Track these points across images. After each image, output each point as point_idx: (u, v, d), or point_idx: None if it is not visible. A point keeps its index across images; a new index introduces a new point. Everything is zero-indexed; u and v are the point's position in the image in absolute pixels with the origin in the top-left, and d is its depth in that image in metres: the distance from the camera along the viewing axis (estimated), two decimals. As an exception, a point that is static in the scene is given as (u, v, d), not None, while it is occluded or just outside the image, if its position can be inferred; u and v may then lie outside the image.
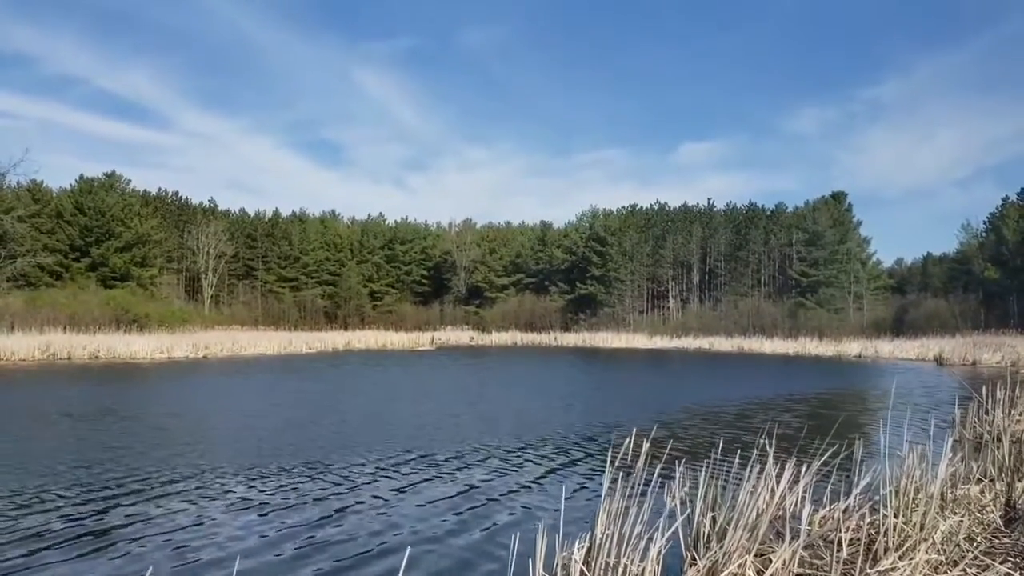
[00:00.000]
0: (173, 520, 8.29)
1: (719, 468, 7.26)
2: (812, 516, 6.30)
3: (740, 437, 13.38)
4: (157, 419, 17.05)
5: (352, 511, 8.74)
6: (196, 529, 7.92)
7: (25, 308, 48.98)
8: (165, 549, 7.21)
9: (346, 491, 9.70)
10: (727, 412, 18.74)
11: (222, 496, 9.36)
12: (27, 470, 10.92)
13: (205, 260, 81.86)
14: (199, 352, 44.76)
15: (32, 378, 29.25)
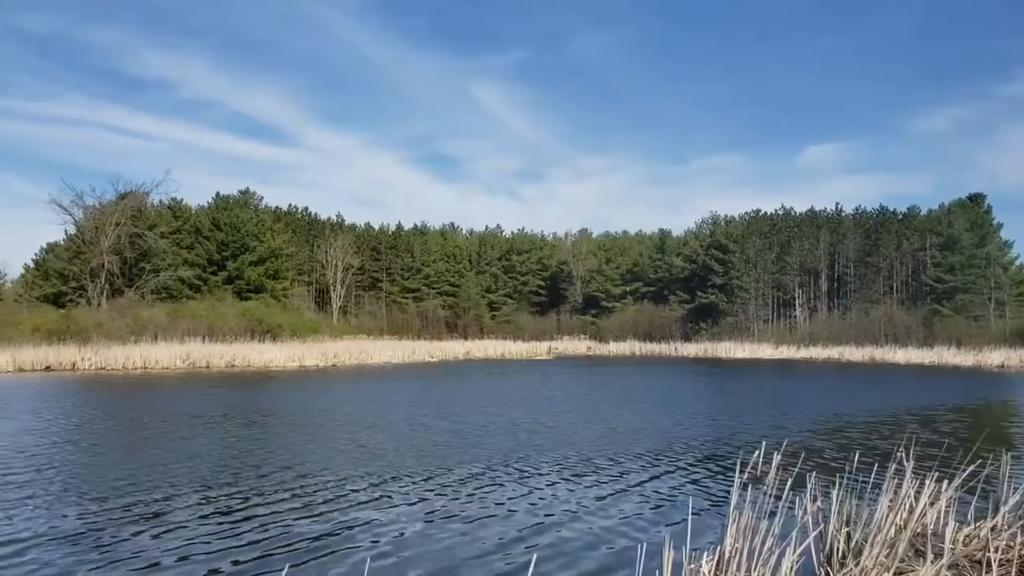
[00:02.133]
0: (368, 520, 8.66)
1: (853, 482, 6.98)
2: (956, 534, 5.98)
3: (875, 450, 12.82)
4: (314, 423, 17.80)
5: (479, 515, 8.90)
6: (375, 530, 8.25)
7: (167, 319, 52.14)
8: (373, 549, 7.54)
9: (477, 496, 9.88)
10: (860, 424, 17.96)
11: (393, 491, 9.73)
12: (209, 468, 11.64)
13: (333, 272, 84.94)
14: (328, 361, 46.51)
15: (180, 385, 31.09)
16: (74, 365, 39.82)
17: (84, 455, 13.34)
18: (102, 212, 62.89)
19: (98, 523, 8.45)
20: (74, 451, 13.77)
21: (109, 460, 12.73)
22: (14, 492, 10.08)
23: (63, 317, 50.33)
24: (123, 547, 7.49)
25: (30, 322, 48.62)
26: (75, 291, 63.19)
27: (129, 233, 62.43)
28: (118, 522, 8.49)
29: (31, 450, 13.72)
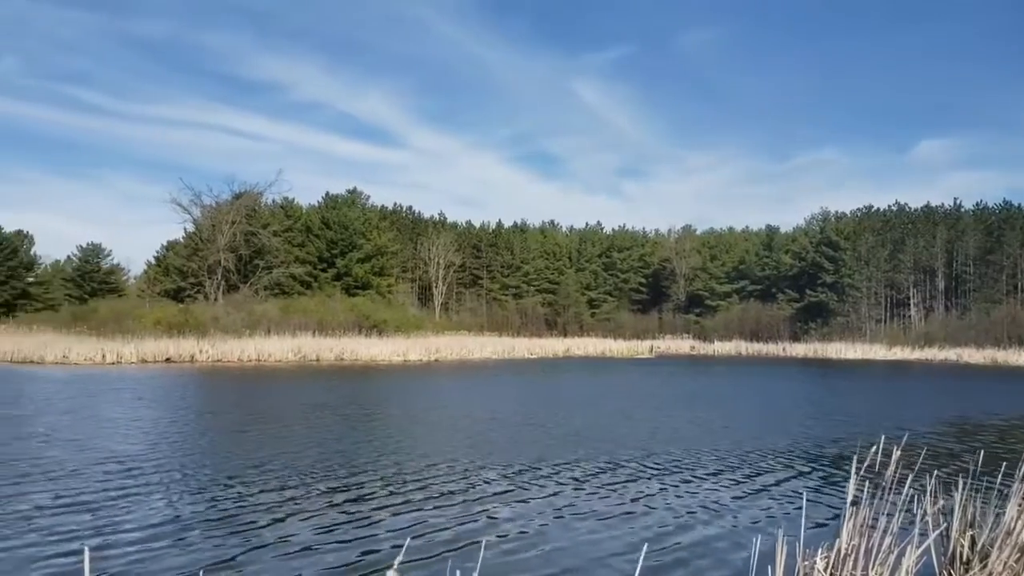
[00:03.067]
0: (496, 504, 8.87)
1: (977, 484, 6.67)
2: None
3: (1001, 453, 12.19)
4: (431, 416, 18.24)
5: (591, 509, 8.95)
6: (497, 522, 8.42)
7: (280, 314, 54.12)
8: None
9: (600, 494, 9.93)
10: (985, 427, 17.10)
11: (508, 476, 9.91)
12: (338, 458, 12.11)
13: (435, 270, 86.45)
14: (431, 356, 47.35)
15: (293, 377, 32.26)
16: (193, 357, 41.76)
17: (212, 442, 14.02)
18: (218, 211, 65.79)
19: (234, 508, 8.86)
20: (203, 438, 14.50)
21: (239, 447, 13.33)
22: (152, 478, 10.68)
23: (182, 311, 52.96)
24: (267, 532, 7.80)
25: (152, 316, 51.32)
26: (193, 287, 66.39)
27: (244, 231, 65.09)
28: (257, 508, 8.87)
29: (163, 437, 14.53)
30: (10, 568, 6.46)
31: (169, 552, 7.02)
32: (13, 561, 6.62)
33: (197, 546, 7.24)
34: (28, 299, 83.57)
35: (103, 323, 49.83)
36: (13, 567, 6.47)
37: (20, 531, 7.53)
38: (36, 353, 39.59)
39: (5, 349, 40.59)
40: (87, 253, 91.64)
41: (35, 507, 8.52)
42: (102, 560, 6.59)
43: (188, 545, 7.25)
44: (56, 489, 9.45)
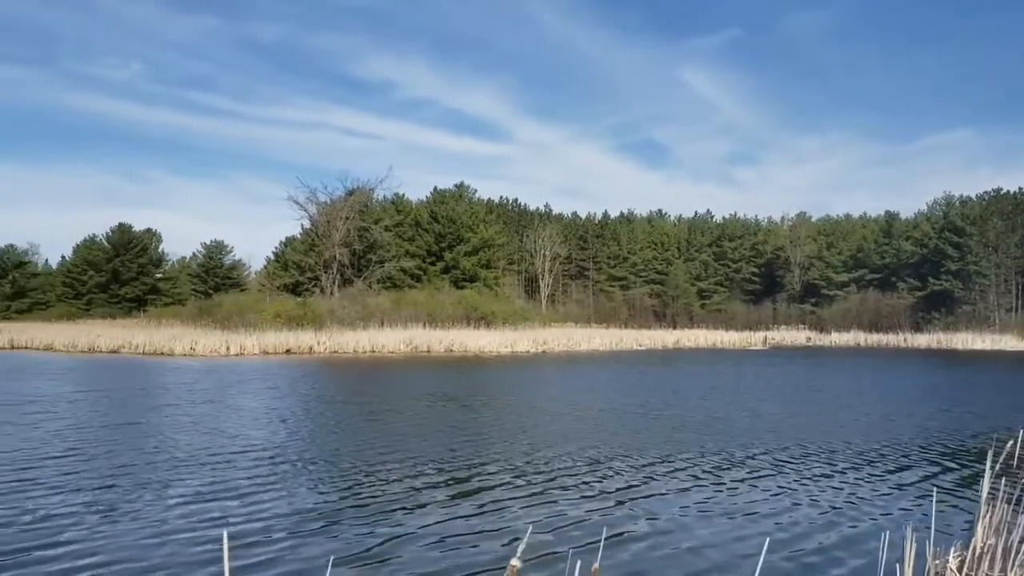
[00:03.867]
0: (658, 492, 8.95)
1: None
2: None
3: None
4: (548, 407, 18.43)
5: (715, 503, 8.86)
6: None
7: (392, 307, 55.48)
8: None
9: (710, 484, 9.83)
10: None
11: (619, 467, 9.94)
12: (465, 447, 12.41)
13: (541, 262, 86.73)
14: (539, 347, 47.56)
15: (407, 367, 33.02)
16: (311, 349, 43.28)
17: (345, 431, 14.49)
18: (333, 208, 67.89)
19: (369, 498, 9.16)
20: (336, 427, 15.02)
21: (369, 436, 13.76)
22: (295, 466, 11.15)
23: (300, 305, 54.94)
24: (406, 521, 8.05)
25: (272, 309, 53.46)
26: (310, 281, 68.79)
27: (357, 227, 66.97)
28: (392, 497, 9.15)
29: (300, 426, 15.18)
30: (166, 551, 6.86)
31: (306, 540, 7.29)
32: (171, 544, 7.02)
33: (336, 535, 7.48)
34: (157, 294, 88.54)
35: (227, 317, 52.18)
36: (171, 550, 6.87)
37: (175, 516, 7.93)
38: (166, 346, 41.90)
39: (137, 342, 43.12)
40: (211, 250, 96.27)
41: (191, 492, 8.98)
42: (244, 546, 6.92)
43: (326, 533, 7.50)
44: (209, 476, 9.91)
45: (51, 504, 8.16)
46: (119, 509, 8.06)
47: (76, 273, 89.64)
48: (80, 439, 12.56)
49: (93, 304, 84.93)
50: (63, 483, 9.18)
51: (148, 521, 7.61)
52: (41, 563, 6.22)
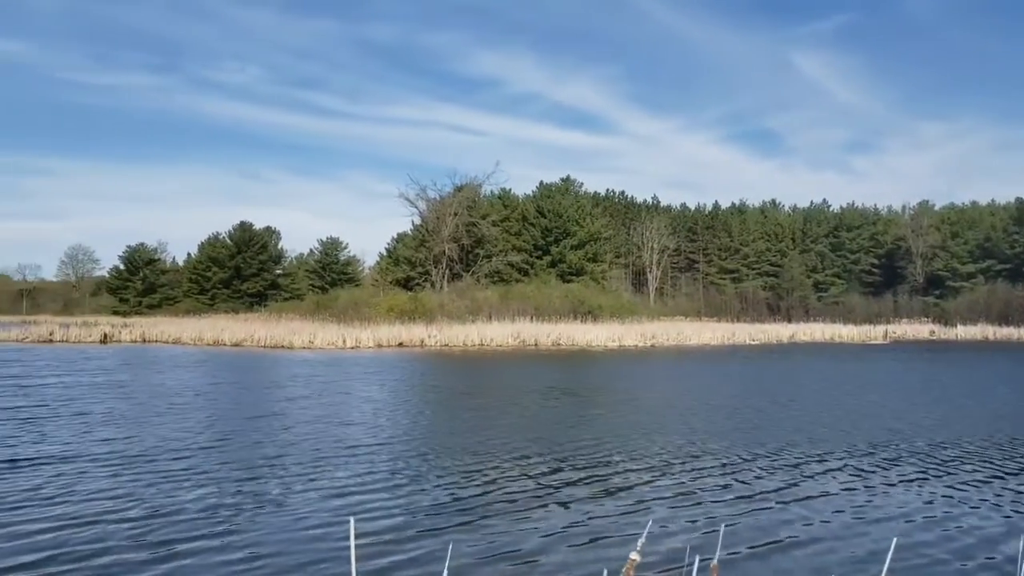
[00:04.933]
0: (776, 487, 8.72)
1: None
2: None
3: None
4: (668, 401, 18.20)
5: (836, 499, 8.48)
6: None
7: (499, 301, 55.85)
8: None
9: (840, 480, 9.39)
10: None
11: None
12: (588, 439, 12.37)
13: (649, 254, 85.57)
14: (647, 341, 46.89)
15: (517, 360, 33.17)
16: (422, 342, 44.04)
17: (475, 425, 14.66)
18: (442, 204, 68.94)
19: (503, 491, 9.18)
20: (451, 419, 15.29)
21: (500, 428, 13.86)
22: (429, 460, 11.29)
23: (412, 299, 56.04)
24: (538, 515, 8.06)
25: (385, 304, 54.72)
26: (421, 276, 70.11)
27: (465, 222, 67.78)
28: (523, 491, 9.15)
29: (432, 418, 15.54)
30: (309, 543, 7.05)
31: (434, 532, 7.32)
32: (313, 535, 7.20)
33: (466, 528, 7.49)
34: (277, 289, 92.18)
35: (342, 311, 53.76)
36: (313, 541, 7.03)
37: (316, 507, 8.03)
38: (286, 339, 43.48)
39: (259, 336, 44.91)
40: (327, 246, 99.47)
41: (331, 483, 9.13)
42: (373, 535, 6.99)
43: (455, 526, 7.52)
44: (346, 467, 10.06)
45: (203, 494, 8.43)
46: (265, 499, 8.27)
47: (201, 270, 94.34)
48: (224, 430, 13.05)
49: (217, 299, 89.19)
50: (212, 473, 9.50)
51: (293, 512, 7.75)
52: (193, 555, 6.44)
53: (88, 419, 13.94)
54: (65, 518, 7.25)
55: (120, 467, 9.61)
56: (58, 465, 9.63)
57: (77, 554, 6.20)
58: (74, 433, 12.26)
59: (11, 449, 10.75)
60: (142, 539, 6.62)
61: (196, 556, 6.24)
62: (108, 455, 10.37)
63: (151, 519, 7.24)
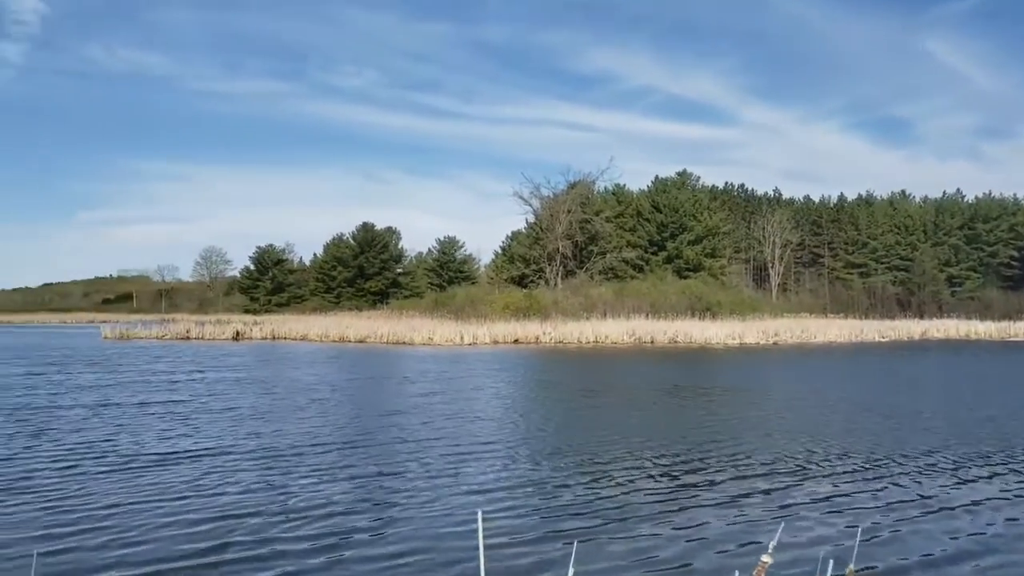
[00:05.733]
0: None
1: None
2: None
3: None
4: (806, 401, 17.90)
5: (990, 508, 8.16)
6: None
7: (614, 298, 55.64)
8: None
9: (990, 487, 9.07)
10: None
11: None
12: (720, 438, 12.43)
13: (771, 249, 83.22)
14: (769, 339, 45.70)
15: (634, 358, 33.03)
16: (537, 339, 44.42)
17: (590, 421, 14.82)
18: (556, 201, 69.20)
19: (635, 489, 9.31)
20: (579, 416, 15.42)
21: (619, 427, 13.99)
22: (568, 459, 11.55)
23: (526, 296, 56.58)
24: (668, 516, 8.13)
25: (500, 301, 55.42)
26: (535, 273, 70.63)
27: (579, 219, 67.81)
28: (667, 491, 9.25)
29: (566, 415, 15.76)
30: (438, 535, 7.37)
31: (563, 534, 7.50)
32: (444, 532, 7.50)
33: (594, 528, 7.61)
34: (397, 288, 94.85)
35: (460, 308, 54.78)
36: (444, 535, 7.35)
37: (453, 504, 8.24)
38: (407, 335, 44.73)
39: (382, 332, 46.37)
40: (444, 245, 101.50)
41: (465, 480, 9.37)
42: (502, 532, 7.25)
43: (589, 530, 7.61)
44: (486, 463, 10.31)
45: (350, 488, 8.79)
46: (407, 494, 8.56)
47: (327, 269, 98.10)
48: (365, 426, 13.51)
49: (342, 297, 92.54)
50: (358, 467, 9.89)
51: (433, 507, 7.99)
52: (346, 548, 6.76)
53: (236, 414, 14.82)
54: (227, 509, 7.75)
55: (271, 461, 10.20)
56: (214, 459, 10.29)
57: (240, 545, 6.63)
58: (224, 428, 13.06)
59: (170, 442, 11.60)
60: (298, 531, 7.00)
61: (350, 549, 6.56)
62: (258, 449, 11.00)
63: (304, 512, 7.64)
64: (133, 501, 8.07)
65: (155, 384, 20.71)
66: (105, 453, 10.66)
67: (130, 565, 6.12)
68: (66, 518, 7.44)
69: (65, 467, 9.73)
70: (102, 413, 14.72)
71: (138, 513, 7.61)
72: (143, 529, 7.08)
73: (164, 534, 6.95)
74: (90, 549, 6.51)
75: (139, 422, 13.61)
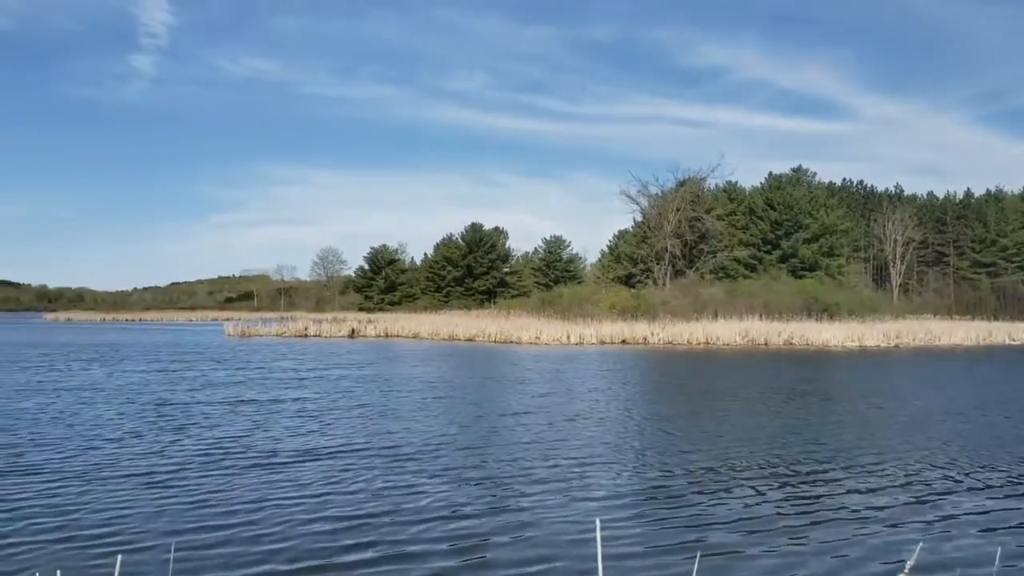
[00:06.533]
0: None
1: None
2: None
3: None
4: (930, 407, 17.35)
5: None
6: None
7: (726, 297, 54.61)
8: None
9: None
10: None
11: None
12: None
13: (892, 248, 79.81)
14: (890, 341, 43.96)
15: (752, 360, 32.30)
16: (645, 339, 44.07)
17: (711, 426, 14.71)
18: (664, 200, 68.48)
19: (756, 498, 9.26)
20: (703, 421, 15.32)
21: (745, 432, 13.85)
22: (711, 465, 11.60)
23: (634, 296, 56.24)
24: (809, 536, 8.04)
25: (607, 301, 55.28)
26: (642, 272, 70.09)
27: (688, 217, 66.90)
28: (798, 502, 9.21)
29: (688, 420, 15.69)
30: (559, 542, 7.54)
31: (684, 547, 7.51)
32: (563, 540, 7.68)
33: (721, 547, 7.58)
34: (504, 287, 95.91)
35: (566, 307, 54.98)
36: (565, 543, 7.53)
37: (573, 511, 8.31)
38: (514, 334, 45.21)
39: (490, 331, 47.05)
40: (551, 245, 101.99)
41: (587, 484, 9.56)
42: (619, 540, 7.38)
43: (711, 545, 7.61)
44: (610, 469, 10.32)
45: (487, 491, 8.93)
46: (535, 499, 8.68)
47: (437, 268, 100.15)
48: (492, 425, 13.74)
49: (451, 296, 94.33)
50: (492, 468, 10.09)
51: (559, 513, 8.09)
52: (490, 549, 7.07)
53: (365, 411, 15.38)
54: (363, 508, 8.02)
55: (403, 460, 10.49)
56: (348, 457, 10.70)
57: (376, 545, 6.82)
58: (355, 425, 13.55)
59: (305, 439, 12.15)
60: (430, 534, 7.22)
61: (478, 553, 6.72)
62: (390, 448, 11.36)
63: (435, 514, 7.84)
64: (272, 498, 8.42)
65: (284, 381, 21.73)
66: (245, 449, 11.25)
67: (268, 563, 6.34)
68: (206, 512, 7.81)
69: (207, 462, 10.28)
70: (239, 409, 15.57)
71: (276, 510, 7.92)
72: (281, 526, 7.35)
73: (301, 531, 7.19)
74: (228, 544, 6.78)
75: (274, 419, 14.31)
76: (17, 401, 16.57)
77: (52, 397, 17.34)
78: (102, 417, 14.28)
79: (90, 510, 7.84)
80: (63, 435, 12.24)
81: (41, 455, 10.64)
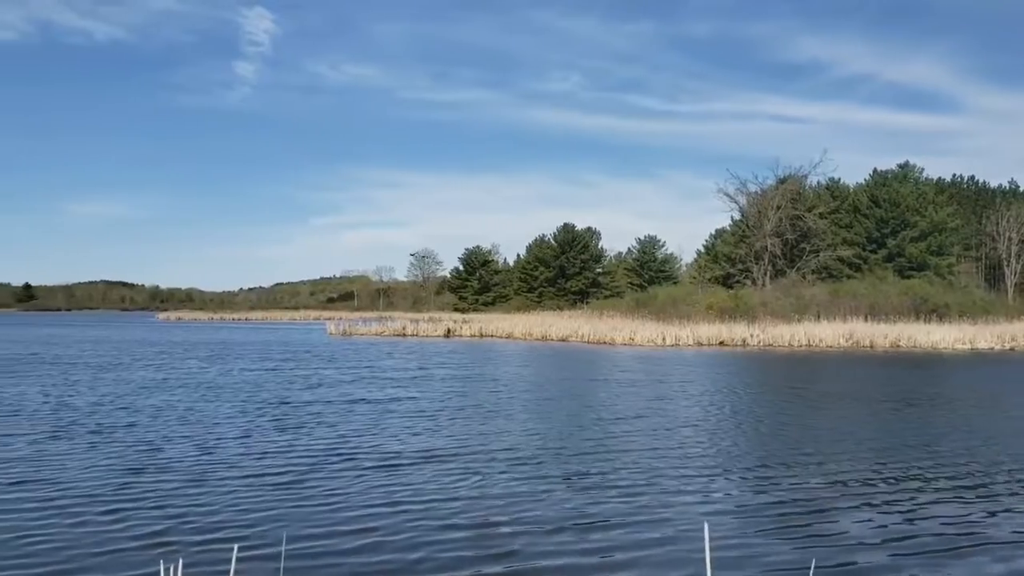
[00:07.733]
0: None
1: None
2: None
3: None
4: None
5: None
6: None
7: (828, 298, 53.10)
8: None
9: None
10: None
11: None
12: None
13: (1006, 246, 75.93)
14: (1005, 344, 41.98)
15: (860, 363, 31.37)
16: (744, 341, 43.29)
17: (825, 432, 14.48)
18: (764, 197, 66.99)
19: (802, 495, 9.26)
20: (812, 424, 15.06)
21: (849, 438, 13.65)
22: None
23: (732, 297, 55.27)
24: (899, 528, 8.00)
25: (704, 301, 54.56)
26: (741, 272, 68.77)
27: (789, 216, 65.28)
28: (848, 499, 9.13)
29: (772, 421, 15.59)
30: (659, 549, 7.64)
31: (791, 544, 7.52)
32: (671, 547, 7.80)
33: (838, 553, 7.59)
34: (597, 287, 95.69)
35: (661, 308, 54.52)
36: (675, 548, 7.64)
37: (697, 516, 8.58)
38: (608, 335, 45.18)
39: (583, 332, 47.18)
40: (645, 245, 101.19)
41: (699, 490, 9.69)
42: (730, 547, 7.46)
43: (815, 546, 7.60)
44: (725, 477, 10.50)
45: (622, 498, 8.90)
46: (652, 502, 8.79)
47: (529, 269, 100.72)
48: (607, 431, 13.73)
49: (544, 296, 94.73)
50: (617, 474, 10.11)
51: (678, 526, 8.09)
52: (620, 551, 7.26)
53: (475, 412, 15.76)
54: (481, 515, 8.00)
55: (519, 465, 10.60)
56: (464, 460, 10.91)
57: (493, 558, 6.72)
58: (469, 427, 13.82)
59: (421, 439, 12.51)
60: (545, 545, 7.29)
61: (624, 552, 6.85)
62: (505, 452, 11.50)
63: (554, 523, 7.82)
64: (389, 501, 8.46)
65: (395, 380, 22.44)
66: (365, 450, 11.57)
67: (382, 571, 6.31)
68: (319, 514, 7.93)
69: (325, 463, 10.55)
70: (354, 408, 16.20)
71: (392, 515, 7.90)
72: (404, 534, 7.31)
73: (424, 540, 7.11)
74: (341, 551, 6.76)
75: (389, 419, 14.78)
76: (145, 398, 17.67)
77: (178, 395, 18.42)
78: (224, 415, 15.12)
79: (214, 506, 8.21)
80: (190, 433, 13.00)
81: (173, 450, 11.39)
